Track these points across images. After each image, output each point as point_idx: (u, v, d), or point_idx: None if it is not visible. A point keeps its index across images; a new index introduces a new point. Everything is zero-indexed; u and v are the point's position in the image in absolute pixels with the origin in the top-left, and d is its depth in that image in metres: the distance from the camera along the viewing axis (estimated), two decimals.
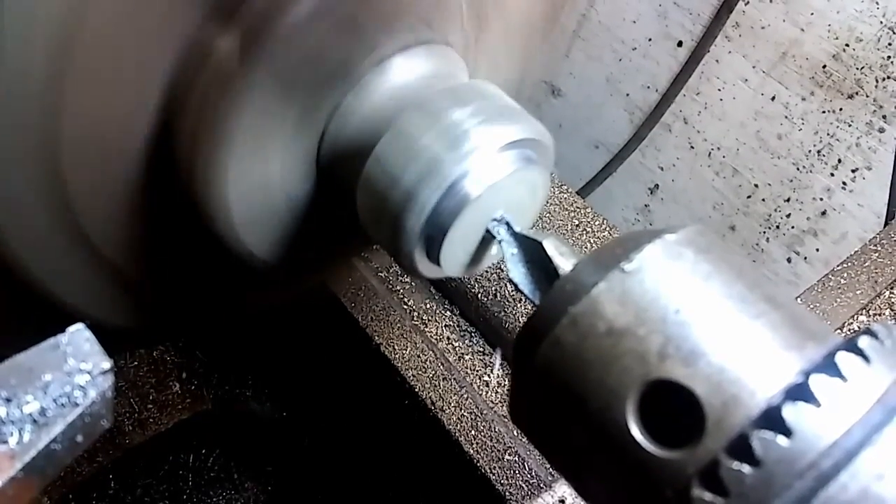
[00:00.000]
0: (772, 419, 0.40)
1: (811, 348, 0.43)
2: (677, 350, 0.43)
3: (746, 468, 0.39)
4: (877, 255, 1.01)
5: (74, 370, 0.46)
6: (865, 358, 0.41)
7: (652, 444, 0.42)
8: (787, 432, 0.39)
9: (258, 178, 0.73)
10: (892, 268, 1.00)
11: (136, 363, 1.20)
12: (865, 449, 0.39)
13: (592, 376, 0.44)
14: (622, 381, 0.43)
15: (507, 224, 0.65)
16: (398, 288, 1.12)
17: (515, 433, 1.01)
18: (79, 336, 0.47)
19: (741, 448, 0.39)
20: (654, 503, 0.41)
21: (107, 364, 0.47)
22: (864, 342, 0.42)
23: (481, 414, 1.02)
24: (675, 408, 0.42)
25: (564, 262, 0.57)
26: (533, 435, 0.52)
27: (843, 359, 0.41)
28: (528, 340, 0.48)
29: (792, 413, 0.39)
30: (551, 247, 0.58)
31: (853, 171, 1.64)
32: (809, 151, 1.69)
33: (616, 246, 0.49)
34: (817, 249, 1.76)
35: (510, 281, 0.61)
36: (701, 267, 0.46)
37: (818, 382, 0.40)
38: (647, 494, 0.42)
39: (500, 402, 1.03)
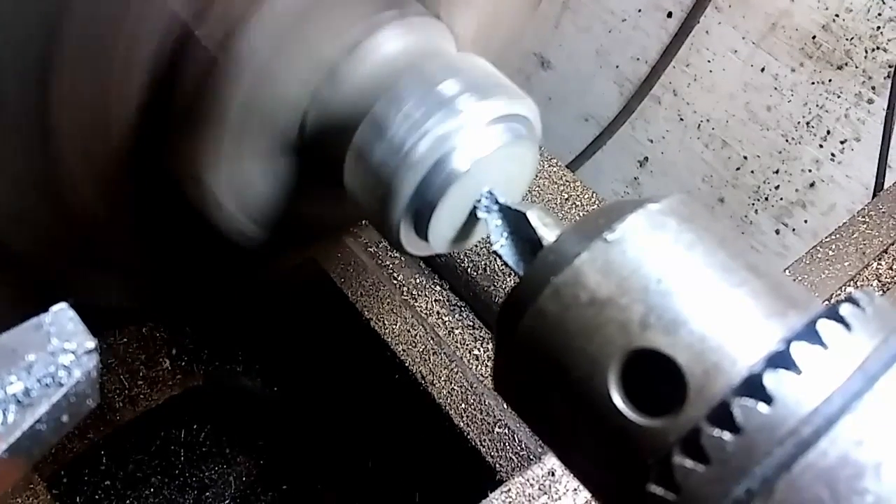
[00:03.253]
0: (753, 387, 0.40)
1: (793, 316, 0.43)
2: (659, 319, 0.43)
3: (727, 435, 0.39)
4: (865, 226, 1.02)
5: (58, 350, 0.45)
6: (846, 325, 0.41)
7: (634, 413, 0.42)
8: (767, 399, 0.39)
9: (244, 163, 0.73)
10: (880, 239, 1.00)
11: (125, 340, 1.20)
12: (845, 416, 0.39)
13: (575, 346, 0.45)
14: (604, 351, 0.43)
15: (492, 195, 0.64)
16: (388, 263, 1.12)
17: (505, 406, 1.01)
18: (62, 315, 0.47)
19: (722, 415, 0.40)
20: (635, 471, 0.42)
21: (91, 343, 0.46)
22: (845, 310, 0.42)
23: (471, 387, 1.02)
24: (657, 376, 0.42)
25: (548, 233, 0.57)
26: (517, 405, 0.53)
27: (825, 326, 0.41)
28: (511, 311, 0.49)
29: (772, 380, 0.39)
30: (535, 217, 0.58)
31: (842, 142, 1.64)
32: (798, 123, 1.69)
33: (599, 216, 0.49)
34: (806, 221, 1.76)
35: (495, 253, 0.61)
36: (683, 236, 0.46)
37: (799, 350, 0.40)
38: (628, 462, 0.42)
39: (490, 375, 1.04)
